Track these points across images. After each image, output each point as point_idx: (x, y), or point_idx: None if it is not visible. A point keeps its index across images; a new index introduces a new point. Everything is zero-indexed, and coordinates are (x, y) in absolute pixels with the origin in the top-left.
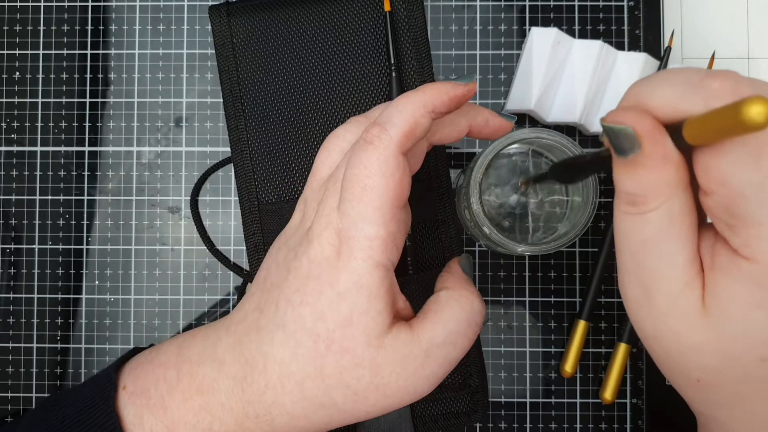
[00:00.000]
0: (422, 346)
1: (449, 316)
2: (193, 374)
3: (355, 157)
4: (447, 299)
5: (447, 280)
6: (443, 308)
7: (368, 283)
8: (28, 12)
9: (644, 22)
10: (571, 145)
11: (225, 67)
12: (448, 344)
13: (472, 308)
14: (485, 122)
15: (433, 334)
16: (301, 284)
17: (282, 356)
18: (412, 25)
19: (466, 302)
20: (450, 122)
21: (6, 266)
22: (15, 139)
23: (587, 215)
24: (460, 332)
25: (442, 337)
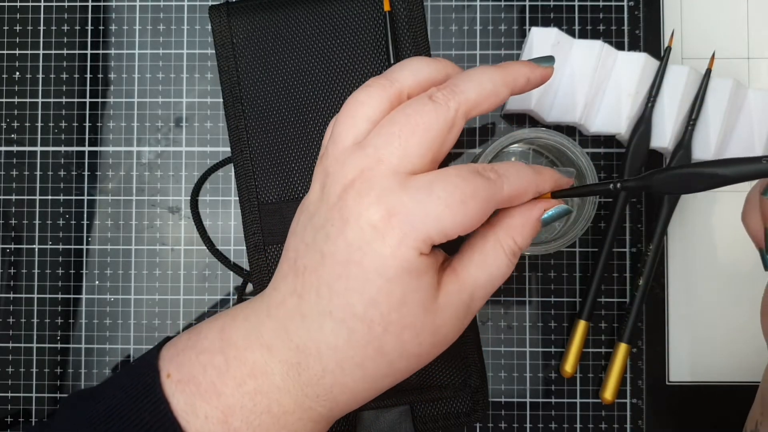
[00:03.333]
0: (468, 290)
1: (493, 259)
2: (241, 359)
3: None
4: (493, 237)
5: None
6: (488, 248)
7: (417, 267)
8: (28, 12)
9: (644, 22)
10: (571, 145)
11: (225, 67)
12: (489, 285)
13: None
14: (526, 82)
15: (476, 278)
16: (342, 270)
17: (336, 343)
18: (412, 25)
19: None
20: (494, 93)
21: (6, 266)
22: (15, 139)
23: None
24: (499, 274)
25: (485, 280)
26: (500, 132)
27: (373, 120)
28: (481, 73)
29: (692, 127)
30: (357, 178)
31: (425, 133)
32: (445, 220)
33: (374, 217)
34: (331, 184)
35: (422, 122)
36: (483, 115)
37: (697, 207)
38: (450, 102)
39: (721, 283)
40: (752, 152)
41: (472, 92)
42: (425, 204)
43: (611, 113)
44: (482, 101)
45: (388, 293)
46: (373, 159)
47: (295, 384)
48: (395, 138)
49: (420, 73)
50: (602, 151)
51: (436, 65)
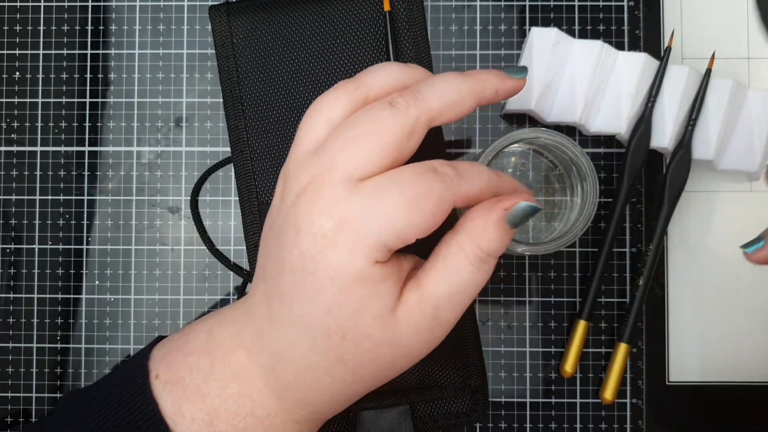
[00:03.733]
0: (431, 302)
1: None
2: (226, 362)
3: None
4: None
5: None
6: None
7: (372, 275)
8: (28, 12)
9: (644, 22)
10: (571, 145)
11: (225, 67)
12: (454, 296)
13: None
14: (495, 94)
15: (438, 289)
16: (299, 279)
17: (302, 350)
18: (412, 25)
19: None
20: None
21: (6, 266)
22: (15, 139)
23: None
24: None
25: (449, 290)
26: (500, 132)
27: (334, 124)
28: (446, 81)
29: (692, 127)
30: (309, 184)
31: (382, 139)
32: (398, 222)
33: (325, 226)
34: (288, 189)
35: (379, 128)
36: (482, 116)
37: (698, 207)
38: (410, 108)
39: (721, 282)
40: (752, 152)
41: (435, 100)
42: (376, 208)
43: (611, 113)
44: (446, 110)
45: (342, 302)
46: (327, 164)
47: (274, 388)
48: (350, 143)
49: (389, 78)
50: (602, 151)
51: (407, 71)
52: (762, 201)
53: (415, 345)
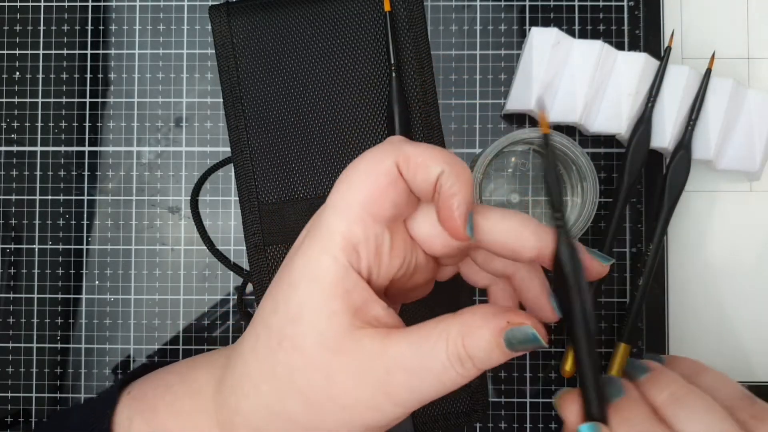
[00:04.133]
0: (387, 361)
1: (429, 348)
2: (189, 378)
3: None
4: (445, 326)
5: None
6: (434, 333)
7: (321, 277)
8: (28, 12)
9: (644, 22)
10: (571, 144)
11: (225, 67)
12: (414, 375)
13: (457, 353)
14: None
15: (400, 357)
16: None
17: (243, 350)
18: (412, 25)
19: (454, 343)
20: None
21: (6, 266)
22: (15, 139)
23: (587, 215)
24: (434, 371)
25: (410, 363)
26: (500, 132)
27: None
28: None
29: (692, 127)
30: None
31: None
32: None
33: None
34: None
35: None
36: (483, 116)
37: (698, 207)
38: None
39: (721, 282)
40: (752, 152)
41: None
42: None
43: (611, 113)
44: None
45: (288, 299)
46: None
47: (213, 405)
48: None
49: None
50: (602, 151)
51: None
52: (762, 201)
53: (350, 399)
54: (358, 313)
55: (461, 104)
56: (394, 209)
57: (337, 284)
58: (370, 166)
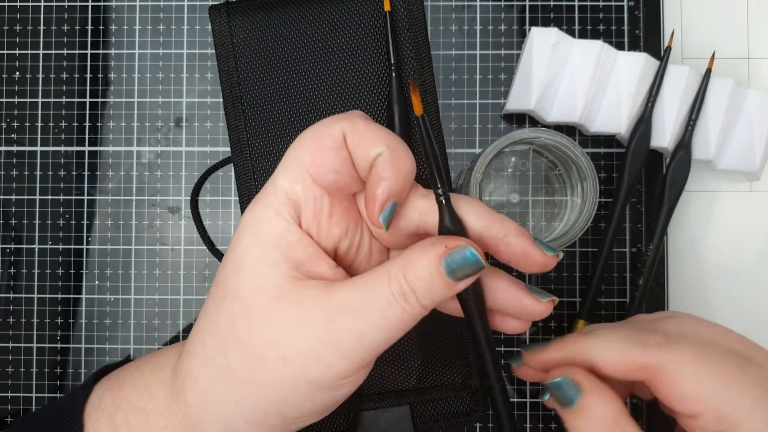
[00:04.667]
0: (329, 306)
1: (372, 286)
2: (158, 354)
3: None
4: (388, 265)
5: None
6: (377, 273)
7: (263, 229)
8: (28, 12)
9: (644, 22)
10: (571, 144)
11: (225, 67)
12: (359, 315)
13: (400, 286)
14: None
15: (344, 300)
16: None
17: (201, 312)
18: (412, 24)
19: (396, 277)
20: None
21: (6, 266)
22: (15, 139)
23: (587, 215)
24: (377, 306)
25: (354, 304)
26: (500, 132)
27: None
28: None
29: (692, 127)
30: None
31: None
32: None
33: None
34: None
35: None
36: (483, 116)
37: (698, 207)
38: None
39: (721, 283)
40: (752, 152)
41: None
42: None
43: (611, 113)
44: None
45: (234, 251)
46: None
47: (170, 374)
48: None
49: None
50: (602, 151)
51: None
52: (762, 201)
53: (292, 342)
54: (301, 267)
55: (461, 104)
56: (334, 175)
57: (279, 236)
58: (319, 129)
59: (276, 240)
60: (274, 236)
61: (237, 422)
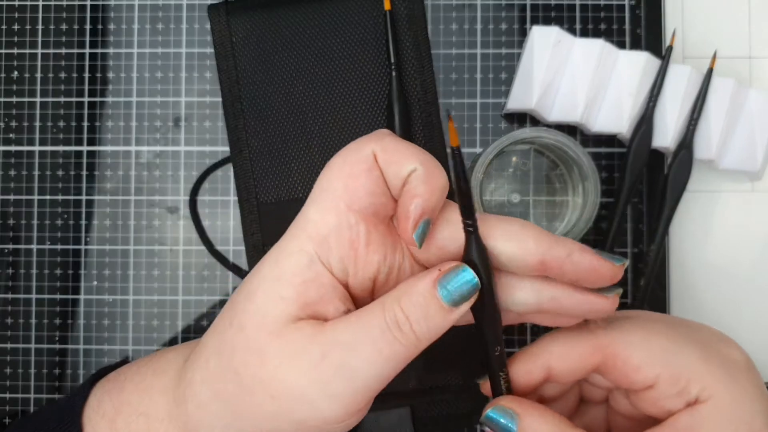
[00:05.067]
0: (321, 345)
1: (365, 317)
2: (159, 358)
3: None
4: (383, 298)
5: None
6: (371, 307)
7: (282, 263)
8: (26, 11)
9: (645, 21)
10: (573, 144)
11: (224, 67)
12: (351, 349)
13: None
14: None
15: (337, 334)
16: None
17: (212, 325)
18: (413, 24)
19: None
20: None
21: (4, 266)
22: (13, 139)
23: (588, 215)
24: (369, 339)
25: (346, 337)
26: (501, 132)
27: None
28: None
29: (694, 127)
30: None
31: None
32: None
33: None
34: None
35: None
36: (483, 115)
37: (699, 207)
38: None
39: (722, 283)
40: (754, 151)
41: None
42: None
43: (612, 113)
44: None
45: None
46: None
47: (172, 382)
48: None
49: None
50: (603, 151)
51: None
52: (764, 201)
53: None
54: (308, 306)
55: (462, 104)
56: (370, 198)
57: (295, 272)
58: (350, 154)
59: (291, 276)
60: (290, 272)
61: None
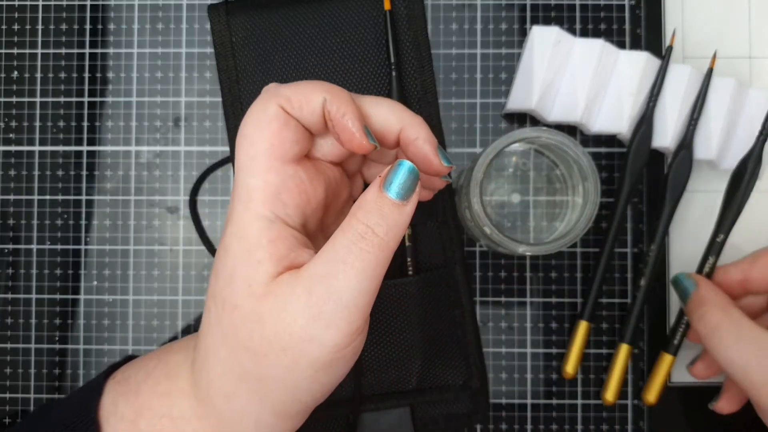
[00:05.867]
0: (304, 285)
1: (332, 245)
2: (167, 361)
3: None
4: (340, 228)
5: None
6: (332, 238)
7: (247, 234)
8: (26, 11)
9: (645, 21)
10: (573, 144)
11: (224, 67)
12: (329, 276)
13: (354, 230)
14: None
15: (313, 270)
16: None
17: (202, 327)
18: (413, 24)
19: (349, 224)
20: (384, 120)
21: (4, 266)
22: (13, 139)
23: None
24: (339, 259)
25: (322, 269)
26: (501, 131)
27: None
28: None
29: (694, 127)
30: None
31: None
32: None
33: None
34: None
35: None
36: (483, 115)
37: (699, 207)
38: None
39: None
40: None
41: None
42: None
43: (612, 113)
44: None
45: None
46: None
47: (190, 385)
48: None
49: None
50: (603, 151)
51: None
52: (763, 201)
53: (285, 332)
54: (282, 261)
55: (461, 103)
56: (297, 145)
57: (261, 236)
58: (259, 117)
59: (259, 241)
60: (256, 238)
61: (264, 418)
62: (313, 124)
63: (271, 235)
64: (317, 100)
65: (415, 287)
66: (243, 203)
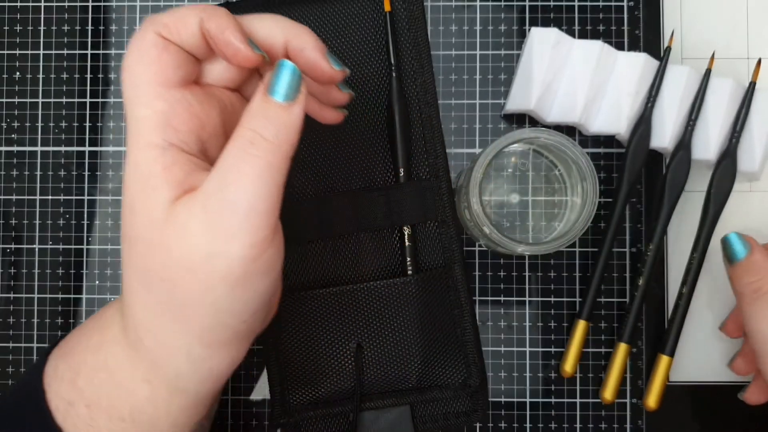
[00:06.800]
0: (200, 202)
1: (223, 157)
2: (100, 316)
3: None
4: (229, 140)
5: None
6: (223, 152)
7: (140, 164)
8: (28, 12)
9: (644, 22)
10: (571, 144)
11: None
12: (221, 188)
13: (242, 137)
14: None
15: (208, 186)
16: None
17: (122, 266)
18: (413, 25)
19: (237, 134)
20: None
21: (6, 266)
22: (15, 139)
23: (587, 215)
24: (230, 169)
25: (215, 183)
26: (500, 132)
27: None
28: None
29: (692, 127)
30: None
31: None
32: (140, 73)
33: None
34: None
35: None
36: (483, 116)
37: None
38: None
39: (720, 282)
40: (752, 152)
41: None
42: (124, 94)
43: (611, 113)
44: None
45: (125, 199)
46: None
47: (121, 330)
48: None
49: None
50: (602, 151)
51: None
52: (762, 201)
53: (193, 254)
54: (180, 185)
55: (461, 104)
56: (180, 69)
57: (154, 163)
58: (136, 47)
59: (151, 169)
60: (150, 167)
61: (195, 349)
62: (195, 47)
63: (165, 161)
64: (193, 22)
65: (414, 287)
66: (134, 136)
